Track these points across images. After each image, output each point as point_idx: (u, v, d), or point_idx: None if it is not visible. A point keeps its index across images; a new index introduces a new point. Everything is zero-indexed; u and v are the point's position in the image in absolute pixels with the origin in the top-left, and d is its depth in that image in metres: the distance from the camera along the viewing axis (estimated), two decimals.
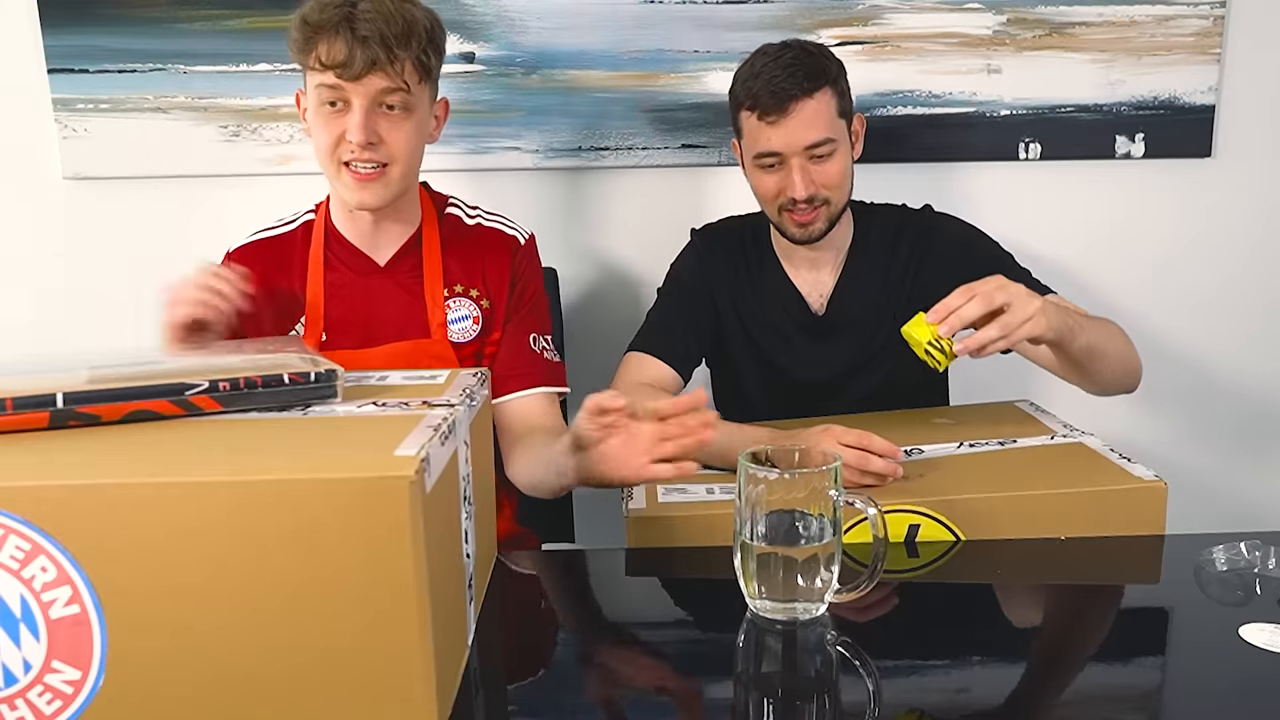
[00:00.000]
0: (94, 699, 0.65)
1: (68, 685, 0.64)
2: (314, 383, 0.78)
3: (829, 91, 1.30)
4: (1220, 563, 0.93)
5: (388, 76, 1.14)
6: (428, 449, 0.66)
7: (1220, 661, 0.78)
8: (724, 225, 1.50)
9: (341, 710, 0.66)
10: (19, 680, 0.64)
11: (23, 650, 0.64)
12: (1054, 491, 1.03)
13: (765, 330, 1.44)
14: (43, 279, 1.73)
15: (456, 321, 1.27)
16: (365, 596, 0.64)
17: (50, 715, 0.65)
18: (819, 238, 1.36)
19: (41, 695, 0.65)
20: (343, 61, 1.12)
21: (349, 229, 1.28)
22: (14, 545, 0.62)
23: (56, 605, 0.63)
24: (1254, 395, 1.82)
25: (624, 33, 1.64)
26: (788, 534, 0.82)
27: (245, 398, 0.75)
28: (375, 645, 0.65)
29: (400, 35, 1.13)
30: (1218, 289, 1.78)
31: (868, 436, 1.06)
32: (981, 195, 1.70)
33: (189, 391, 0.74)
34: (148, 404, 0.73)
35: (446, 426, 0.73)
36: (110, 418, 0.72)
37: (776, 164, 1.32)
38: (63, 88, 1.63)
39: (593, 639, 0.90)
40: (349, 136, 1.15)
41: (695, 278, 1.45)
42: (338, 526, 0.63)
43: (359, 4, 1.13)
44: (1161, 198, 1.74)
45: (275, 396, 0.77)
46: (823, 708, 0.74)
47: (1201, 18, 1.65)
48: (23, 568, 0.62)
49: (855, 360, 1.42)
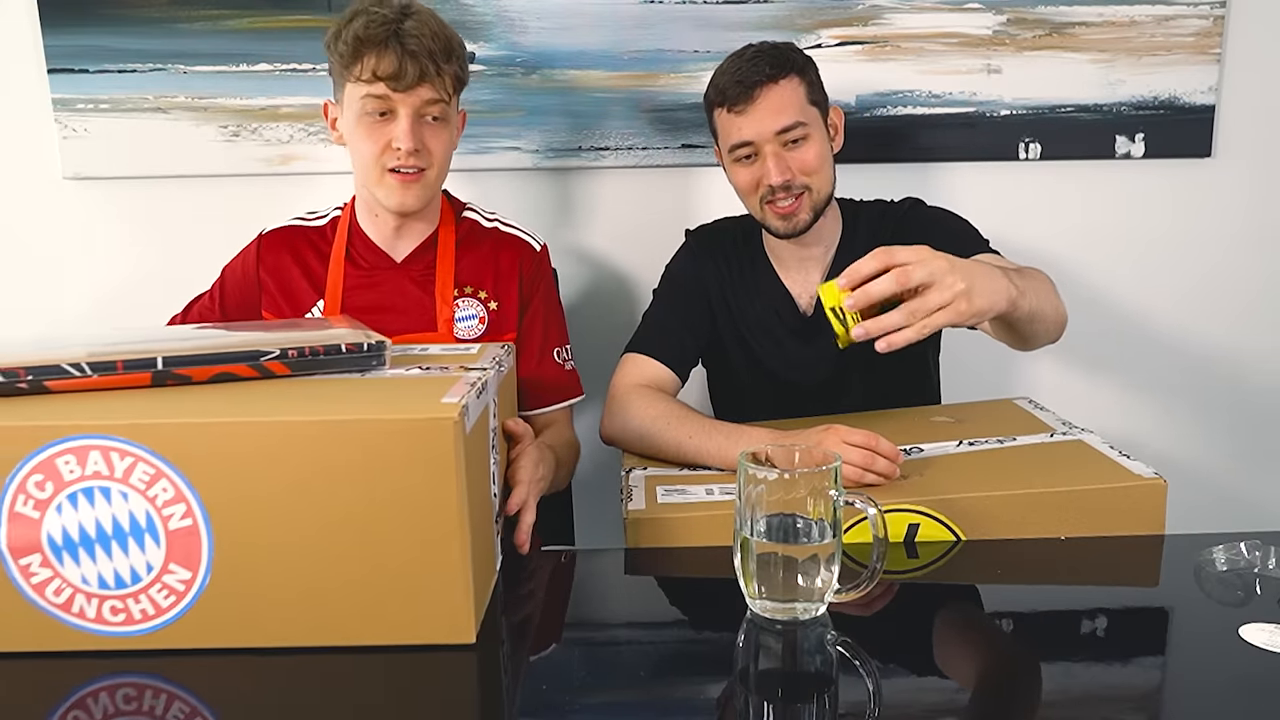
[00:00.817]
0: (200, 596, 0.79)
1: (180, 584, 0.79)
2: (366, 352, 0.91)
3: (796, 79, 1.31)
4: (1220, 563, 0.93)
5: (433, 89, 1.24)
6: (466, 400, 0.81)
7: (1220, 661, 0.78)
8: (717, 226, 1.51)
9: (396, 606, 0.80)
10: (143, 579, 0.79)
11: (146, 555, 0.79)
12: (1054, 489, 1.03)
13: (756, 331, 1.44)
14: (43, 279, 1.73)
15: (463, 320, 1.34)
16: (417, 514, 0.78)
17: (166, 608, 0.80)
18: (804, 229, 1.35)
19: (159, 591, 0.80)
20: (394, 74, 1.21)
21: (372, 228, 1.37)
22: (141, 470, 0.77)
23: (174, 519, 0.78)
24: (1253, 395, 1.82)
25: (624, 33, 1.64)
26: (788, 534, 0.82)
27: (309, 364, 0.89)
28: (425, 554, 0.79)
29: (443, 51, 1.23)
30: (1217, 289, 1.78)
31: (874, 437, 1.06)
32: (981, 195, 1.70)
33: (263, 358, 0.88)
34: (230, 367, 0.88)
35: (481, 384, 0.88)
36: (199, 378, 0.87)
37: (752, 154, 1.33)
38: (63, 88, 1.63)
39: (592, 639, 0.90)
40: (397, 144, 1.24)
41: (689, 278, 1.45)
42: (397, 458, 0.77)
43: (404, 22, 1.22)
44: (1161, 198, 1.75)
45: (335, 363, 0.91)
46: (823, 708, 0.74)
47: (1201, 18, 1.66)
48: (148, 489, 0.78)
49: (843, 361, 1.42)
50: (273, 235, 1.40)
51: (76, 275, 1.73)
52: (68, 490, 0.78)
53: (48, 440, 0.77)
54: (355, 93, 1.24)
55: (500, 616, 0.89)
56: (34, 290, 1.73)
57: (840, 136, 1.39)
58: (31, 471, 0.77)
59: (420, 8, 1.26)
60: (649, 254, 1.56)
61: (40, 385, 0.83)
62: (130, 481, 0.78)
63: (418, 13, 1.24)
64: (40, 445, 0.77)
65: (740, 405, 1.47)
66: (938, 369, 1.54)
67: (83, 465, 0.77)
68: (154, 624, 0.80)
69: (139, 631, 0.80)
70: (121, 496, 0.78)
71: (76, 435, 0.77)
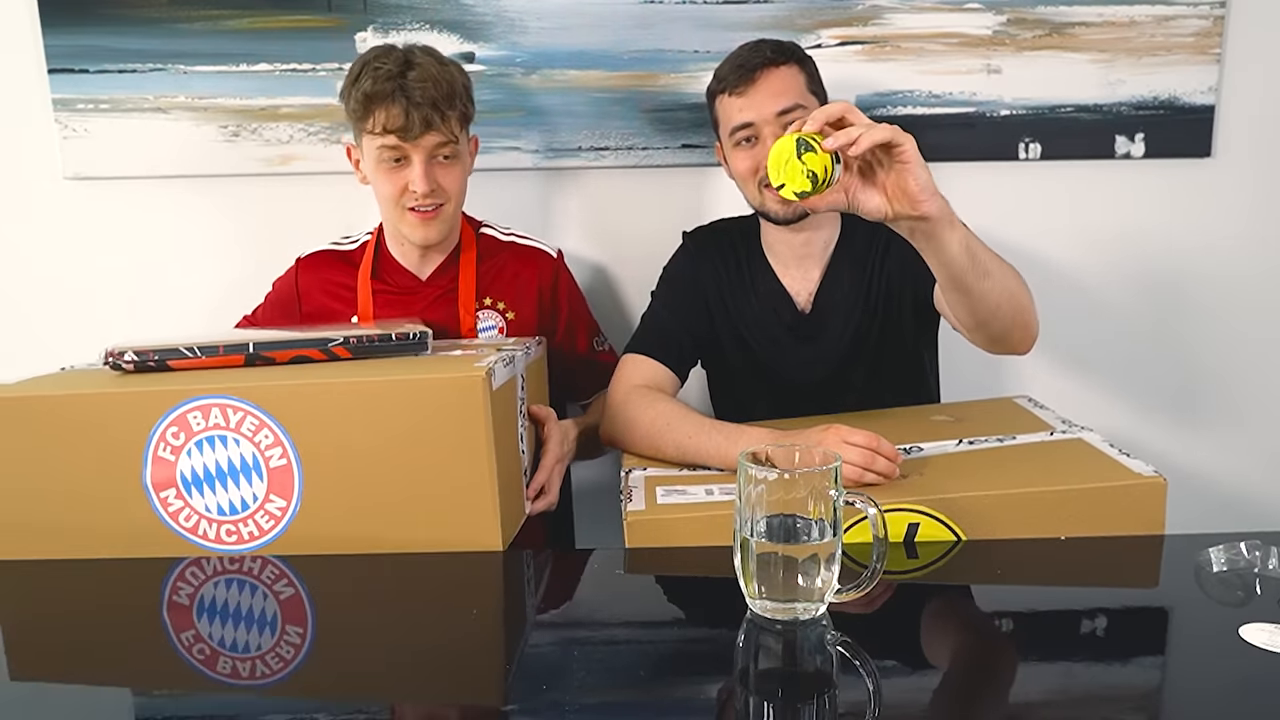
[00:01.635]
0: (293, 520, 1.03)
1: (279, 510, 1.03)
2: (412, 340, 1.14)
3: (796, 67, 1.33)
4: (1220, 563, 0.93)
5: (440, 133, 1.32)
6: (493, 366, 1.03)
7: (1220, 661, 0.78)
8: (715, 227, 1.51)
9: (442, 520, 1.02)
10: (250, 507, 1.03)
11: (253, 488, 1.02)
12: (1054, 488, 1.03)
13: (755, 330, 1.45)
14: (43, 279, 1.73)
15: (484, 330, 1.45)
16: (457, 452, 1.00)
17: (267, 530, 1.03)
18: (803, 214, 1.35)
19: (263, 517, 1.03)
20: (402, 126, 1.30)
21: (398, 252, 1.48)
22: (249, 421, 1.01)
23: (273, 459, 1.02)
24: (1253, 394, 1.82)
25: (624, 33, 1.64)
26: (788, 534, 0.82)
27: (367, 349, 1.12)
28: (463, 479, 1.01)
29: (446, 96, 1.31)
30: (1217, 289, 1.78)
31: (875, 437, 1.06)
32: (981, 195, 1.70)
33: (330, 344, 1.11)
34: (305, 351, 1.11)
35: (507, 357, 1.11)
36: (281, 360, 1.10)
37: (752, 137, 1.33)
38: (63, 88, 1.63)
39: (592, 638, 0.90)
40: (413, 187, 1.34)
41: (687, 279, 1.45)
42: (441, 408, 1.00)
43: (407, 73, 1.30)
44: (1161, 198, 1.74)
45: (387, 348, 1.13)
46: (823, 708, 0.74)
47: (1201, 18, 1.65)
48: (254, 435, 1.01)
49: (841, 357, 1.42)
50: (309, 259, 1.52)
51: (76, 275, 1.73)
52: (195, 438, 1.02)
53: (180, 400, 1.01)
54: (371, 143, 1.34)
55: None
56: (34, 290, 1.73)
57: None
58: (169, 425, 1.01)
59: (421, 57, 1.33)
60: (648, 254, 1.56)
61: (164, 364, 1.09)
62: (241, 430, 1.01)
63: (420, 64, 1.31)
64: (176, 403, 1.01)
65: (740, 405, 1.47)
66: (936, 370, 1.54)
67: (206, 419, 1.01)
68: (258, 543, 1.03)
69: (246, 549, 1.03)
70: (235, 442, 1.01)
71: (202, 396, 1.01)
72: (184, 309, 1.73)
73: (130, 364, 1.08)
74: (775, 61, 1.32)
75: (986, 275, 1.06)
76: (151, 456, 1.02)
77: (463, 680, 0.82)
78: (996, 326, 1.13)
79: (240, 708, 0.78)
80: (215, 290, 1.72)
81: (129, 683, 0.84)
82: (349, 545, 1.02)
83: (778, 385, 1.45)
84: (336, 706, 0.78)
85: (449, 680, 0.82)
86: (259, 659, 0.84)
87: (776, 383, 1.45)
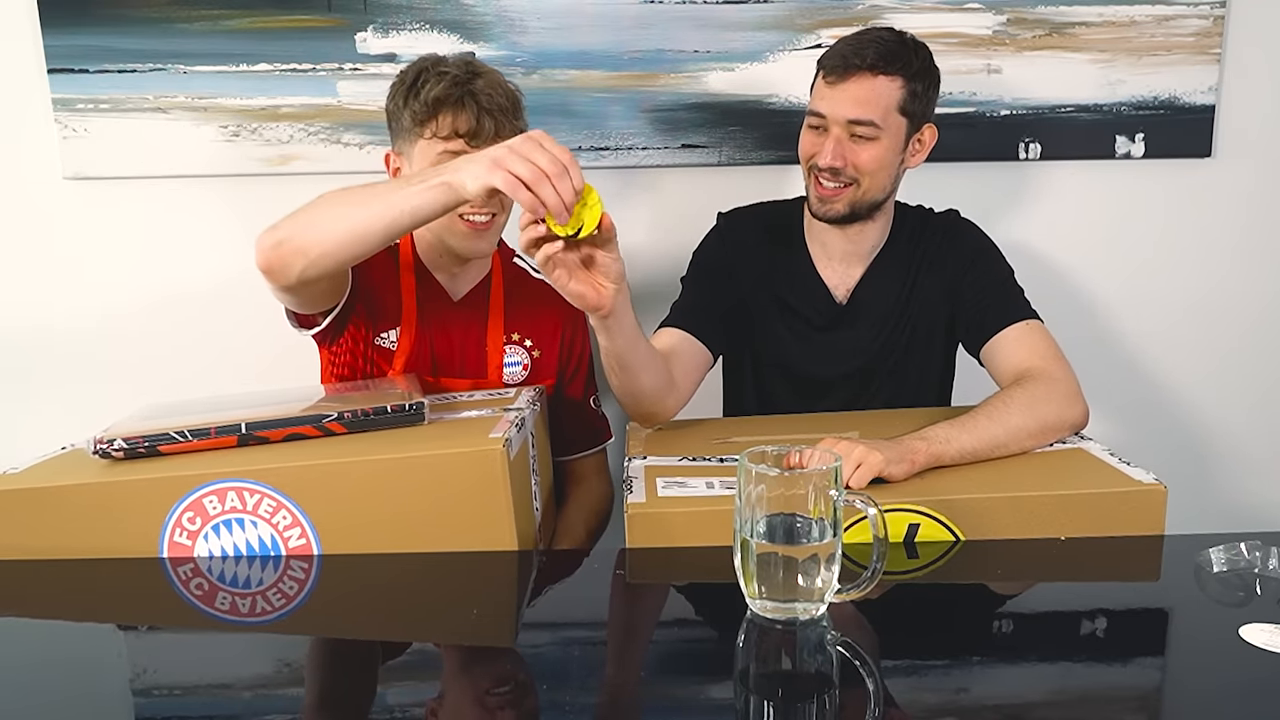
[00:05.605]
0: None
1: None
2: (409, 411, 1.09)
3: (898, 80, 1.29)
4: (1220, 563, 0.93)
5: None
6: (509, 434, 1.03)
7: (1220, 662, 0.78)
8: (752, 210, 1.50)
9: None
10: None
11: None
12: (1054, 493, 1.03)
13: (786, 316, 1.43)
14: (43, 279, 1.73)
15: (510, 366, 1.42)
16: (476, 524, 1.00)
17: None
18: (837, 219, 1.35)
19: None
20: (472, 131, 1.26)
21: (431, 260, 1.41)
22: (266, 503, 1.00)
23: (292, 539, 1.01)
24: (1252, 395, 1.82)
25: (624, 33, 1.64)
26: (788, 534, 0.82)
27: (362, 423, 1.07)
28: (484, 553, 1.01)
29: (512, 108, 1.30)
30: (1217, 289, 1.78)
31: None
32: (981, 195, 1.70)
33: (324, 419, 1.07)
34: (299, 429, 1.06)
35: (519, 420, 1.10)
36: (275, 439, 1.06)
37: (821, 126, 1.33)
38: (63, 88, 1.63)
39: (592, 638, 0.90)
40: None
41: (717, 261, 1.44)
42: (459, 480, 1.00)
43: (475, 81, 1.27)
44: (1161, 198, 1.74)
45: (382, 422, 1.08)
46: (823, 708, 0.74)
47: (1201, 18, 1.65)
48: (272, 516, 1.00)
49: (869, 356, 1.42)
50: None
51: (76, 275, 1.73)
52: (212, 522, 1.00)
53: (196, 484, 0.99)
54: (430, 149, 1.28)
55: None
56: (34, 290, 1.73)
57: (922, 156, 1.37)
58: (185, 510, 1.00)
59: (484, 66, 1.31)
60: (648, 253, 1.56)
61: (155, 450, 1.04)
62: (258, 513, 1.00)
63: (485, 72, 1.29)
64: (192, 488, 0.99)
65: (759, 396, 1.47)
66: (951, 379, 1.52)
67: (222, 503, 1.00)
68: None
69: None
70: (252, 524, 1.01)
71: (217, 480, 0.99)
72: (184, 309, 1.73)
73: (120, 452, 1.03)
74: (875, 69, 1.28)
75: (998, 450, 1.14)
76: (168, 543, 1.00)
77: (463, 679, 0.82)
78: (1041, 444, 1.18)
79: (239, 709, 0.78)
80: (215, 290, 1.72)
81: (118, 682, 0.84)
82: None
83: (797, 378, 1.44)
84: (336, 702, 0.78)
85: (449, 679, 0.81)
86: (259, 659, 0.83)
87: (797, 375, 1.44)
